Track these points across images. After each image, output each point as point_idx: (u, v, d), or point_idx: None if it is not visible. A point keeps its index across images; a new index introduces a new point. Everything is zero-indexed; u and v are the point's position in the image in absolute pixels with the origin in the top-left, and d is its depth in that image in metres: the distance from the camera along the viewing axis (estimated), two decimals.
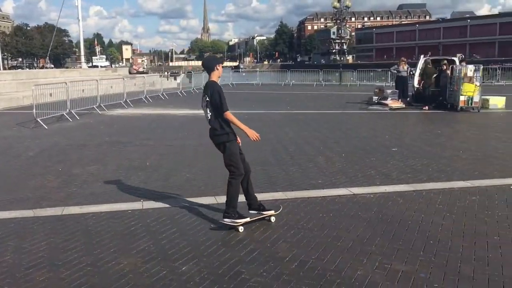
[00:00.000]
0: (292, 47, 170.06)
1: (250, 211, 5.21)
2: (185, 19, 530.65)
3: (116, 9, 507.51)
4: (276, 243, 4.59)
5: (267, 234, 4.84)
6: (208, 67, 5.03)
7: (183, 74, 43.53)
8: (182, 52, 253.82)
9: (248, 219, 5.05)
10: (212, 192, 6.35)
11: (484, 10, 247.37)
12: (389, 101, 17.76)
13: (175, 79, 40.51)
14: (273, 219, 5.21)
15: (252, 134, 4.92)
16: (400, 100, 17.95)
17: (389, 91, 18.92)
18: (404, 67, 18.70)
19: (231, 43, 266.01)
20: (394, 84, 20.37)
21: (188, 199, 6.07)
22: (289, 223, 5.14)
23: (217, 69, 5.03)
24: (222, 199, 5.95)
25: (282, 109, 18.04)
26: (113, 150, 9.69)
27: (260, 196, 6.09)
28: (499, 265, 4.05)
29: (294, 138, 10.89)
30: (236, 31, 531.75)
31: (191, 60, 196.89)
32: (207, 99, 4.92)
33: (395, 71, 19.20)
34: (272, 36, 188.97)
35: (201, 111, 5.10)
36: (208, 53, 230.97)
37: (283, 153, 9.10)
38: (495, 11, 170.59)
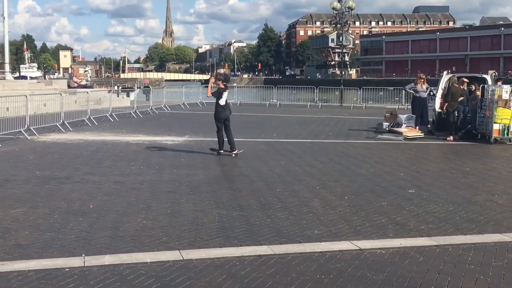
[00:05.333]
0: (279, 57, 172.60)
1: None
2: (142, 19, 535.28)
3: (52, 4, 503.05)
4: None
5: None
6: (228, 81, 12.92)
7: (138, 90, 43.33)
8: (137, 61, 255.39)
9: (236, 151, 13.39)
10: (176, 245, 6.30)
11: None
12: (403, 129, 18.09)
13: (127, 95, 40.31)
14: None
15: None
16: (417, 127, 18.31)
17: (403, 116, 19.28)
18: (423, 86, 19.08)
19: (201, 50, 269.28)
20: (410, 107, 20.72)
21: (144, 253, 6.01)
22: (277, 287, 5.13)
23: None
24: (190, 254, 5.96)
25: (266, 136, 18.17)
26: (46, 188, 9.58)
27: (239, 251, 6.10)
28: None
29: (281, 175, 10.95)
30: (207, 35, 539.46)
31: (149, 71, 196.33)
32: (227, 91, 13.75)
33: (412, 91, 19.56)
34: (254, 42, 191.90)
35: (159, 138, 5.56)
36: (171, 62, 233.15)
37: (268, 194, 9.13)
38: None
